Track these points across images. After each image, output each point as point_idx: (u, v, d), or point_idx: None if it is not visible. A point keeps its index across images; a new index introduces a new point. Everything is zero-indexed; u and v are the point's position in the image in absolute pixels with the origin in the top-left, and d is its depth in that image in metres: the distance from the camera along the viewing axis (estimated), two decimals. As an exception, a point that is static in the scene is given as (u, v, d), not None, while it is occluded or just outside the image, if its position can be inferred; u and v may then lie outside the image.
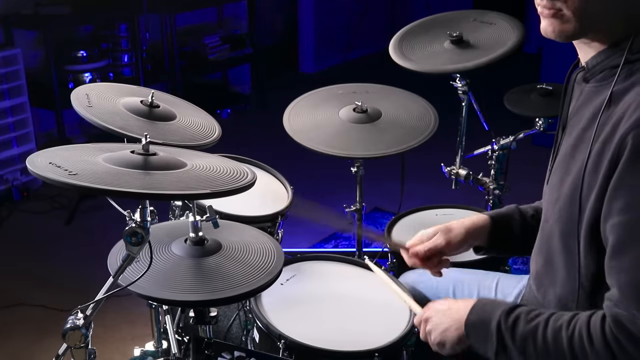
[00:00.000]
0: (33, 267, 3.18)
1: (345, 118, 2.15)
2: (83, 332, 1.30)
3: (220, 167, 1.36)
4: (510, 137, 2.45)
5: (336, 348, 1.52)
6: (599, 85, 1.19)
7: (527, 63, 4.87)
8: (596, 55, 1.19)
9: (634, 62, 1.13)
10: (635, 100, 1.08)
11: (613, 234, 1.09)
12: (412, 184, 2.58)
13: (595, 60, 1.19)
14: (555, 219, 1.23)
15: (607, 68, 1.17)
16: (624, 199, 1.06)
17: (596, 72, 1.19)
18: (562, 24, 1.15)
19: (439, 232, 1.52)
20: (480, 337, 1.24)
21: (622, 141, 1.06)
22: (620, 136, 1.07)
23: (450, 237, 1.50)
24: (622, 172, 1.07)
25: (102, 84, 1.97)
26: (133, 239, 1.29)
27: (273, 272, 1.47)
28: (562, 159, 1.24)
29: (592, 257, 1.15)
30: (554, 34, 1.17)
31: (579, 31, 1.15)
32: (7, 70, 3.68)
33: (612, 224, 1.09)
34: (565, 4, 1.13)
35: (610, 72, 1.16)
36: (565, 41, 1.17)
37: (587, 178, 1.13)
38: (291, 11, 6.29)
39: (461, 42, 2.21)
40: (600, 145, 1.11)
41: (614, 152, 1.08)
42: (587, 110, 1.20)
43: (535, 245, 1.38)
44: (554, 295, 1.28)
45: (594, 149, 1.12)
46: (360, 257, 2.38)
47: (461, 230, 1.51)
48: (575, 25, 1.14)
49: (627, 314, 1.06)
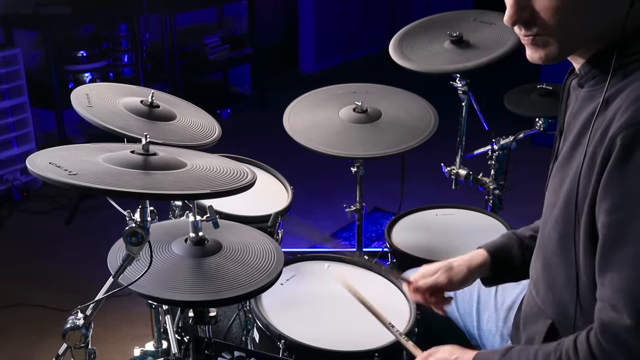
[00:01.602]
0: (33, 267, 3.18)
1: (345, 118, 2.15)
2: (83, 332, 1.30)
3: (220, 167, 1.36)
4: (510, 137, 2.45)
5: (336, 348, 1.52)
6: (593, 90, 1.19)
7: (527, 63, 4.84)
8: (587, 62, 1.20)
9: (626, 66, 1.13)
10: (625, 101, 1.08)
11: (601, 234, 1.10)
12: (412, 184, 2.58)
13: (587, 67, 1.20)
14: (553, 223, 1.23)
15: (598, 74, 1.18)
16: (612, 199, 1.07)
17: (589, 78, 1.20)
18: (545, 48, 1.17)
19: (440, 270, 1.52)
20: None
21: (612, 142, 1.06)
22: (609, 138, 1.07)
23: (452, 275, 1.50)
24: (610, 173, 1.07)
25: (102, 84, 1.97)
26: (133, 239, 1.30)
27: (273, 273, 1.47)
28: (560, 165, 1.25)
29: (591, 261, 1.15)
30: (540, 60, 1.19)
31: (563, 52, 1.17)
32: (7, 70, 3.68)
33: (601, 224, 1.09)
34: (542, 29, 1.15)
35: (602, 78, 1.17)
36: (553, 63, 1.19)
37: (582, 182, 1.14)
38: (291, 11, 6.29)
39: (461, 42, 2.21)
40: (593, 148, 1.12)
41: (604, 153, 1.08)
42: (582, 115, 1.21)
43: (535, 251, 1.38)
44: (554, 299, 1.28)
45: (588, 152, 1.13)
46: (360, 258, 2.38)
47: (462, 268, 1.50)
48: (557, 47, 1.16)
49: (616, 315, 1.07)
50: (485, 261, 1.50)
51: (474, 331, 1.64)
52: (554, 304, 1.28)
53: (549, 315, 1.29)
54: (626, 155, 1.04)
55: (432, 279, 1.51)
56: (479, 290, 1.65)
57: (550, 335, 1.27)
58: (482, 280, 1.55)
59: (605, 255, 1.10)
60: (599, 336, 1.09)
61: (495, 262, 1.50)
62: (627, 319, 1.05)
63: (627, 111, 1.06)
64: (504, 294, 1.62)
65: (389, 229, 2.17)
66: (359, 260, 1.92)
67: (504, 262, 1.50)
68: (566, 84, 1.31)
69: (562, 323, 1.27)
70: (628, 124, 1.05)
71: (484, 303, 1.64)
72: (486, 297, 1.64)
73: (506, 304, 1.60)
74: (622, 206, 1.06)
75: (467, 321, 1.66)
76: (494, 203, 2.45)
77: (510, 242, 1.52)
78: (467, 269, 1.50)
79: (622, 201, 1.06)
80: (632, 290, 1.05)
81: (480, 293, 1.65)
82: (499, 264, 1.50)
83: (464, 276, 1.50)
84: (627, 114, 1.06)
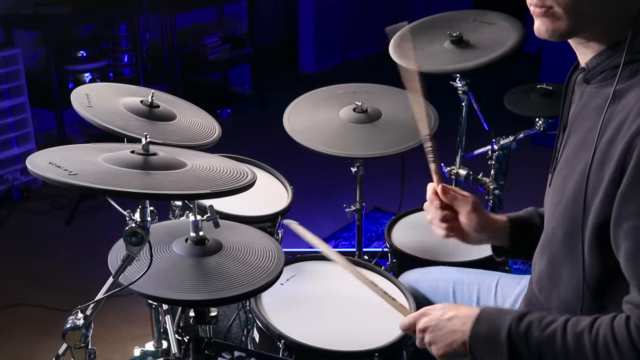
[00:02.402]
0: (33, 267, 3.18)
1: (345, 118, 2.15)
2: (83, 332, 1.30)
3: (220, 167, 1.36)
4: (510, 137, 2.45)
5: (336, 348, 1.52)
6: (601, 86, 1.18)
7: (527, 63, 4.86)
8: (596, 56, 1.18)
9: (635, 62, 1.12)
10: (639, 100, 1.08)
11: (628, 239, 1.08)
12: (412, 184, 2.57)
13: (596, 61, 1.19)
14: (559, 220, 1.22)
15: (607, 68, 1.17)
16: (636, 202, 1.06)
17: (597, 73, 1.19)
18: (554, 22, 1.15)
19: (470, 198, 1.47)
20: (489, 349, 1.18)
21: (629, 145, 1.06)
22: (626, 139, 1.06)
23: (474, 213, 1.44)
24: (632, 177, 1.06)
25: (102, 84, 1.97)
26: (133, 239, 1.30)
27: (273, 272, 1.47)
28: (565, 161, 1.24)
29: (597, 258, 1.15)
30: (547, 34, 1.16)
31: (572, 29, 1.15)
32: (7, 70, 3.68)
33: (627, 229, 1.08)
34: (556, 2, 1.13)
35: (611, 73, 1.16)
36: (559, 40, 1.16)
37: (592, 178, 1.13)
38: (291, 11, 6.29)
39: (461, 42, 2.21)
40: (605, 145, 1.11)
41: (620, 154, 1.07)
42: (589, 111, 1.19)
43: (538, 248, 1.37)
44: (558, 297, 1.27)
45: (599, 149, 1.12)
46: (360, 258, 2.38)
47: (484, 216, 1.46)
48: (568, 23, 1.14)
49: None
50: (506, 226, 1.48)
51: (474, 331, 1.64)
52: (558, 301, 1.27)
53: (553, 312, 1.28)
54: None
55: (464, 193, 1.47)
56: (479, 290, 1.65)
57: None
58: (494, 251, 1.52)
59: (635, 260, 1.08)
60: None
61: (515, 229, 1.48)
62: None
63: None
64: (504, 295, 1.62)
65: (389, 229, 2.17)
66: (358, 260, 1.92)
67: (524, 231, 1.48)
68: (570, 80, 1.29)
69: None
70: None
71: (484, 304, 1.64)
72: (486, 297, 1.64)
73: (506, 304, 1.60)
74: None
75: (467, 321, 1.65)
76: (494, 203, 2.45)
77: (532, 215, 1.50)
78: (487, 218, 1.46)
79: None
80: None
81: (480, 294, 1.65)
82: (518, 233, 1.48)
83: (484, 221, 1.45)
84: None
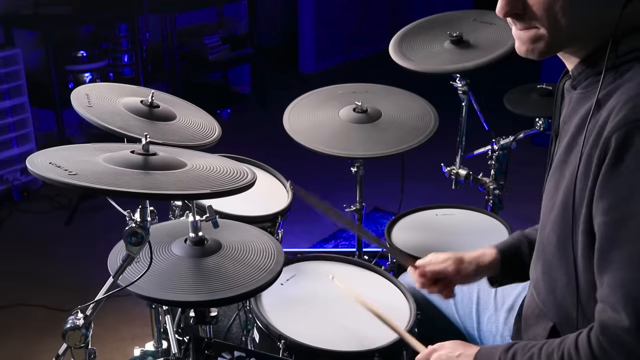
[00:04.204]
0: (33, 267, 3.18)
1: (345, 118, 2.15)
2: (83, 332, 1.30)
3: (220, 167, 1.36)
4: (510, 137, 2.45)
5: (336, 348, 1.52)
6: (586, 91, 1.19)
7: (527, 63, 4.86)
8: (580, 63, 1.20)
9: (619, 66, 1.13)
10: (619, 101, 1.08)
11: (598, 234, 1.10)
12: (412, 184, 2.58)
13: (580, 68, 1.20)
14: (552, 226, 1.23)
15: (592, 75, 1.18)
16: (608, 199, 1.07)
17: (582, 80, 1.20)
18: (534, 42, 1.17)
19: (450, 260, 1.52)
20: None
21: (607, 143, 1.06)
22: (604, 138, 1.07)
23: (461, 268, 1.51)
24: (606, 173, 1.07)
25: (102, 84, 1.97)
26: (133, 239, 1.29)
27: (273, 272, 1.47)
28: (556, 167, 1.25)
29: (590, 262, 1.15)
30: (527, 53, 1.18)
31: (552, 47, 1.16)
32: (7, 70, 3.68)
33: (598, 224, 1.09)
34: (533, 23, 1.15)
35: (595, 79, 1.17)
36: (540, 58, 1.18)
37: (579, 184, 1.13)
38: (291, 11, 6.29)
39: (461, 42, 2.21)
40: (589, 150, 1.11)
41: (599, 154, 1.08)
42: (576, 117, 1.20)
43: (534, 254, 1.38)
44: (555, 301, 1.28)
45: (584, 154, 1.12)
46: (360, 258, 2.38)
47: (472, 264, 1.51)
48: (547, 42, 1.15)
49: (615, 316, 1.06)
50: (495, 260, 1.51)
51: (474, 332, 1.64)
52: (555, 306, 1.28)
53: (551, 317, 1.29)
54: (621, 154, 1.04)
55: (440, 267, 1.51)
56: (479, 291, 1.65)
57: (552, 337, 1.26)
58: (488, 280, 1.55)
59: (602, 256, 1.09)
60: (599, 336, 1.09)
61: (505, 261, 1.50)
62: (626, 319, 1.04)
63: (621, 111, 1.06)
64: (504, 295, 1.62)
65: (389, 229, 2.17)
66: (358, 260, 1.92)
67: (513, 261, 1.50)
68: (560, 86, 1.31)
69: (563, 325, 1.26)
70: (622, 123, 1.05)
71: (484, 304, 1.64)
72: (486, 298, 1.64)
73: (506, 305, 1.60)
74: (617, 206, 1.06)
75: (467, 322, 1.65)
76: (494, 203, 2.45)
77: (519, 241, 1.52)
78: (477, 265, 1.51)
79: (617, 201, 1.06)
80: (630, 290, 1.05)
81: (480, 294, 1.65)
82: (508, 263, 1.50)
83: (472, 271, 1.50)
84: (620, 114, 1.06)
